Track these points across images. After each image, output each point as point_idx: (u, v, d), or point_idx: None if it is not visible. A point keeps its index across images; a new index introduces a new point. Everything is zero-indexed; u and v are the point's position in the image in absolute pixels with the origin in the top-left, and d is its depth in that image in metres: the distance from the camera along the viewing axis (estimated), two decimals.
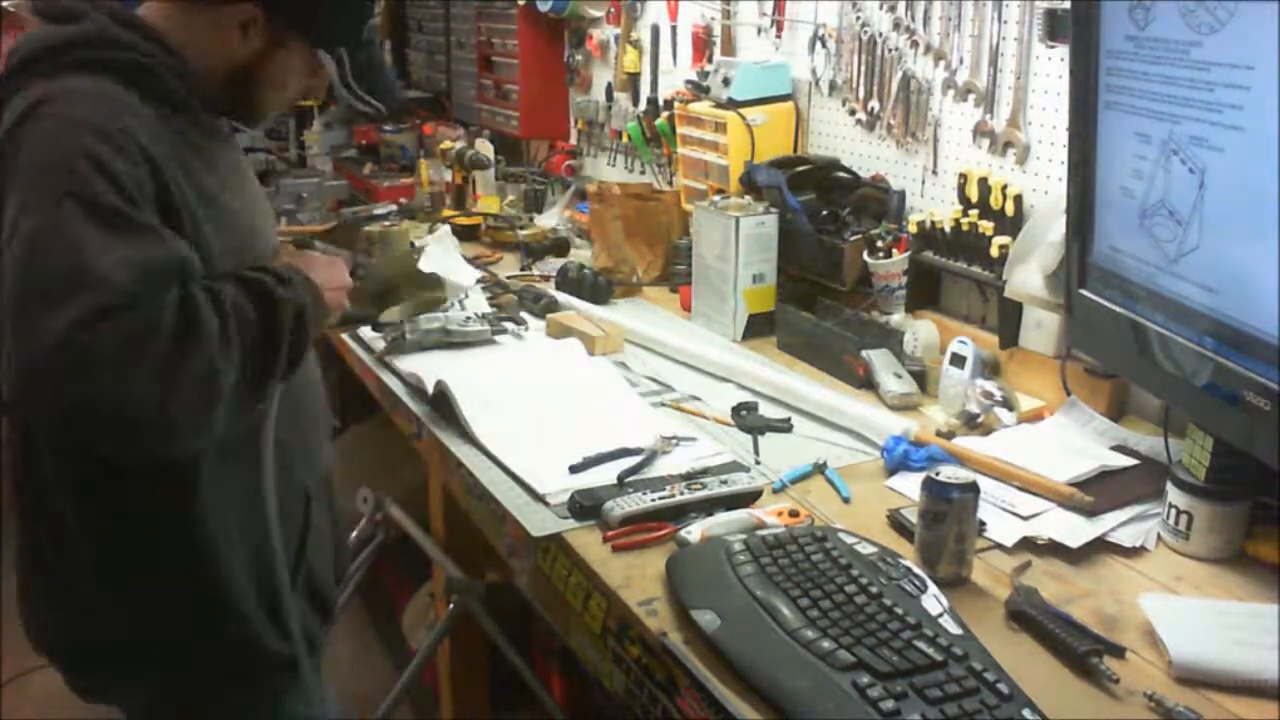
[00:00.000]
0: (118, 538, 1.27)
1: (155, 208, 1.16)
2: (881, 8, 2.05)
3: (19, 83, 1.20)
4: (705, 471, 1.48)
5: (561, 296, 2.31)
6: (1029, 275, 1.68)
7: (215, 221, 1.25)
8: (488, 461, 1.59)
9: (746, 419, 1.70)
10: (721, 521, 1.34)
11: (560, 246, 2.77)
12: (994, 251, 1.78)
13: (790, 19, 2.31)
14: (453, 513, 2.23)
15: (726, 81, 2.30)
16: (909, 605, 1.11)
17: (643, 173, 2.99)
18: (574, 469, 1.51)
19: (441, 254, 2.53)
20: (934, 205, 2.01)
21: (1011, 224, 1.78)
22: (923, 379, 1.81)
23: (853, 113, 2.18)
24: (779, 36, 2.35)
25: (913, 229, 1.95)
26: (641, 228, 2.52)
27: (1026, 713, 0.96)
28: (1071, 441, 1.57)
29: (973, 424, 1.65)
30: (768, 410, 1.74)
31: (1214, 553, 1.31)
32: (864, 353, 1.84)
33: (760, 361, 1.95)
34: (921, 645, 1.04)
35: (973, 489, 1.24)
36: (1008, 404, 1.65)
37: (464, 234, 2.87)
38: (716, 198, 2.20)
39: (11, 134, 1.15)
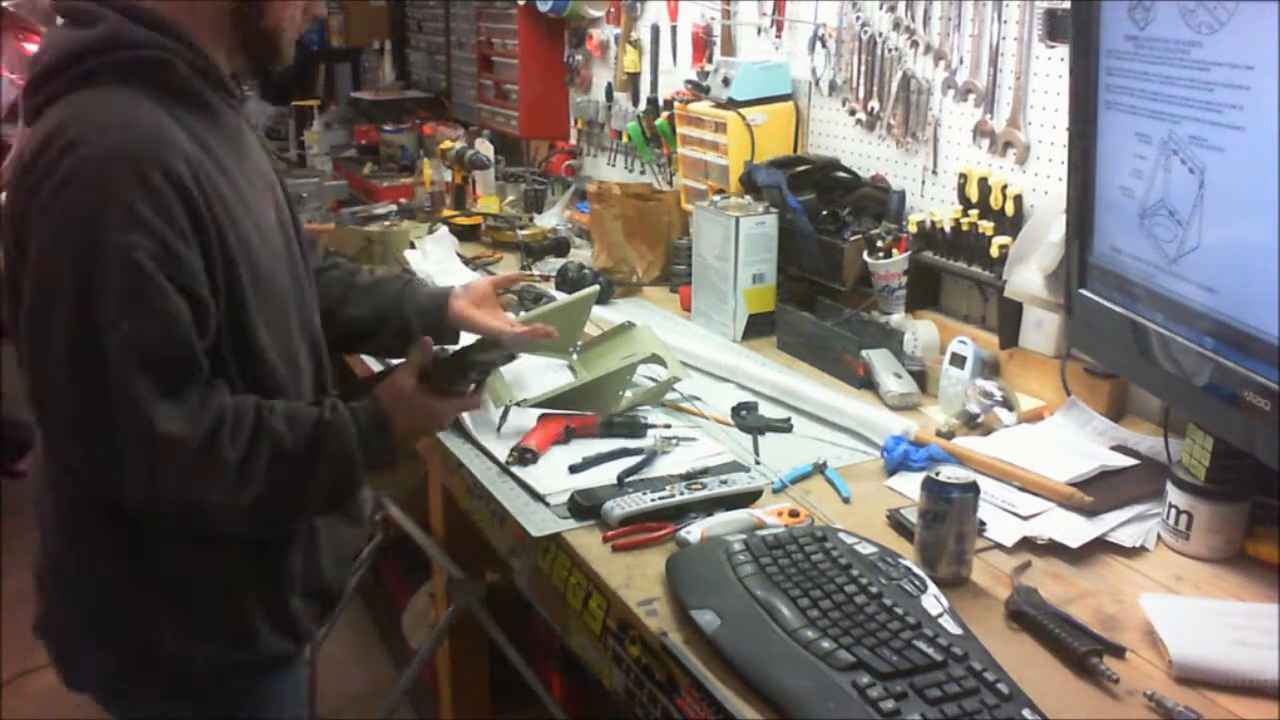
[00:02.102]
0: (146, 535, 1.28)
1: (189, 231, 1.16)
2: (881, 8, 2.05)
3: (44, 93, 1.20)
4: (705, 471, 1.48)
5: (561, 296, 2.30)
6: (1029, 275, 1.68)
7: (232, 225, 1.23)
8: (487, 461, 1.59)
9: (746, 419, 1.70)
10: (721, 521, 1.34)
11: (560, 246, 2.77)
12: (994, 251, 1.78)
13: (790, 19, 2.31)
14: (453, 513, 2.23)
15: (726, 81, 2.30)
16: (909, 605, 1.11)
17: (643, 173, 2.99)
18: (574, 469, 1.51)
19: (440, 254, 2.54)
20: (934, 205, 2.01)
21: (1011, 224, 1.78)
22: (923, 379, 1.81)
23: (853, 113, 2.18)
24: (779, 36, 2.35)
25: (913, 229, 1.95)
26: (641, 228, 2.52)
27: (1026, 713, 0.96)
28: (1071, 441, 1.57)
29: (973, 424, 1.65)
30: (768, 410, 1.74)
31: (1214, 553, 1.31)
32: (864, 353, 1.84)
33: (760, 361, 1.95)
34: (921, 645, 1.04)
35: (973, 489, 1.24)
36: (1008, 404, 1.65)
37: (464, 234, 2.88)
38: (716, 198, 2.20)
39: (33, 160, 1.14)
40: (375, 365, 2.01)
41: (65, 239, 1.12)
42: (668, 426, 1.65)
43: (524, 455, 1.54)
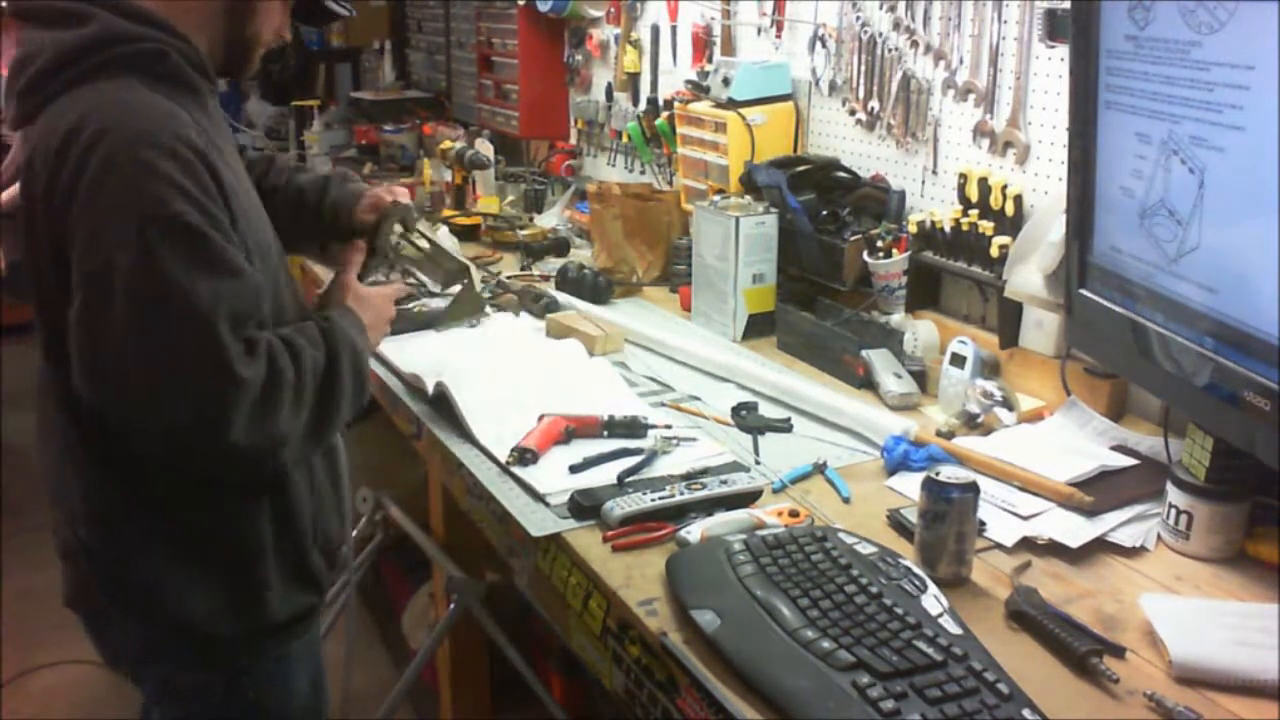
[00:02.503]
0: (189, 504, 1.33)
1: (220, 204, 1.23)
2: (881, 8, 2.05)
3: (43, 93, 1.24)
4: (705, 471, 1.48)
5: (561, 296, 2.31)
6: (1029, 275, 1.68)
7: (239, 206, 1.29)
8: (488, 461, 1.59)
9: (746, 419, 1.70)
10: (721, 521, 1.34)
11: (560, 246, 2.77)
12: (994, 251, 1.78)
13: (790, 19, 2.31)
14: (453, 513, 2.23)
15: (726, 81, 2.30)
16: (909, 605, 1.11)
17: (643, 173, 2.99)
18: (574, 469, 1.51)
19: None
20: (934, 205, 2.01)
21: (1011, 224, 1.78)
22: (923, 379, 1.81)
23: (853, 113, 2.18)
24: (779, 36, 2.35)
25: (913, 229, 1.95)
26: (641, 228, 2.52)
27: (1026, 713, 0.96)
28: (1071, 441, 1.57)
29: (973, 424, 1.66)
30: (768, 410, 1.74)
31: (1214, 553, 1.31)
32: (864, 353, 1.84)
33: (760, 361, 1.95)
34: (921, 645, 1.04)
35: (973, 489, 1.24)
36: (1008, 404, 1.65)
37: (464, 234, 2.88)
38: (716, 198, 2.20)
39: (61, 156, 1.18)
40: (374, 365, 2.00)
41: (116, 222, 1.16)
42: (668, 427, 1.65)
43: (524, 455, 1.54)
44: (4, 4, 2.82)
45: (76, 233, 1.18)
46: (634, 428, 1.62)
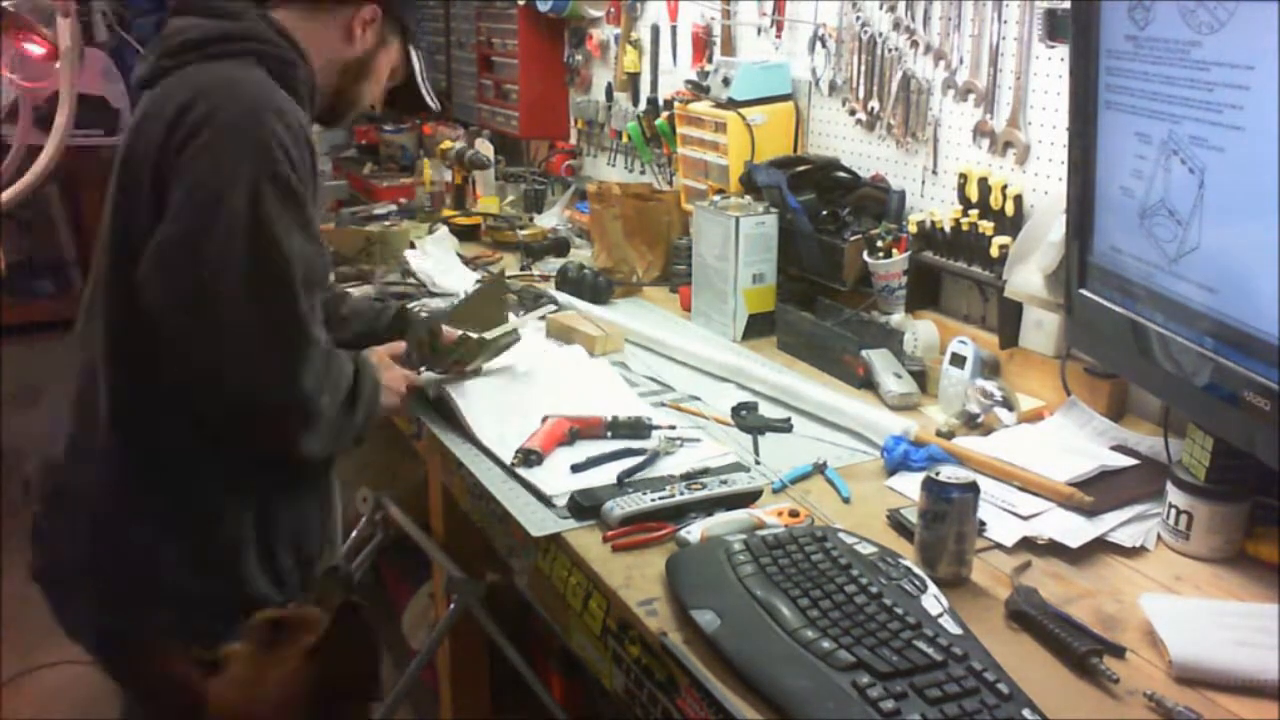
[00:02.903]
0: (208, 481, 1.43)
1: (312, 182, 1.37)
2: (881, 8, 2.05)
3: (177, 60, 1.37)
4: (705, 471, 1.48)
5: (561, 296, 2.31)
6: (1029, 275, 1.68)
7: (318, 194, 1.43)
8: (488, 461, 1.59)
9: (746, 419, 1.70)
10: (721, 521, 1.34)
11: (560, 246, 2.77)
12: (994, 251, 1.78)
13: (790, 19, 2.31)
14: (453, 513, 2.23)
15: (726, 81, 2.30)
16: (909, 605, 1.11)
17: (643, 173, 2.99)
18: (576, 468, 1.51)
19: (440, 254, 2.54)
20: (934, 205, 2.01)
21: (1011, 224, 1.78)
22: (923, 379, 1.81)
23: (853, 113, 2.18)
24: (779, 36, 2.35)
25: (913, 229, 1.95)
26: (641, 228, 2.52)
27: (1026, 713, 0.96)
28: (1071, 441, 1.57)
29: (973, 424, 1.65)
30: (768, 410, 1.74)
31: (1214, 553, 1.31)
32: (864, 353, 1.84)
33: (760, 361, 1.95)
34: (921, 645, 1.04)
35: (973, 489, 1.24)
36: (1008, 404, 1.65)
37: (464, 234, 2.88)
38: (716, 198, 2.20)
39: (184, 112, 1.29)
40: None
41: (233, 166, 1.28)
42: (672, 427, 1.65)
43: (529, 457, 1.54)
44: (4, 5, 2.82)
45: (191, 168, 1.28)
46: (638, 428, 1.62)
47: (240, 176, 1.27)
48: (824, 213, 2.09)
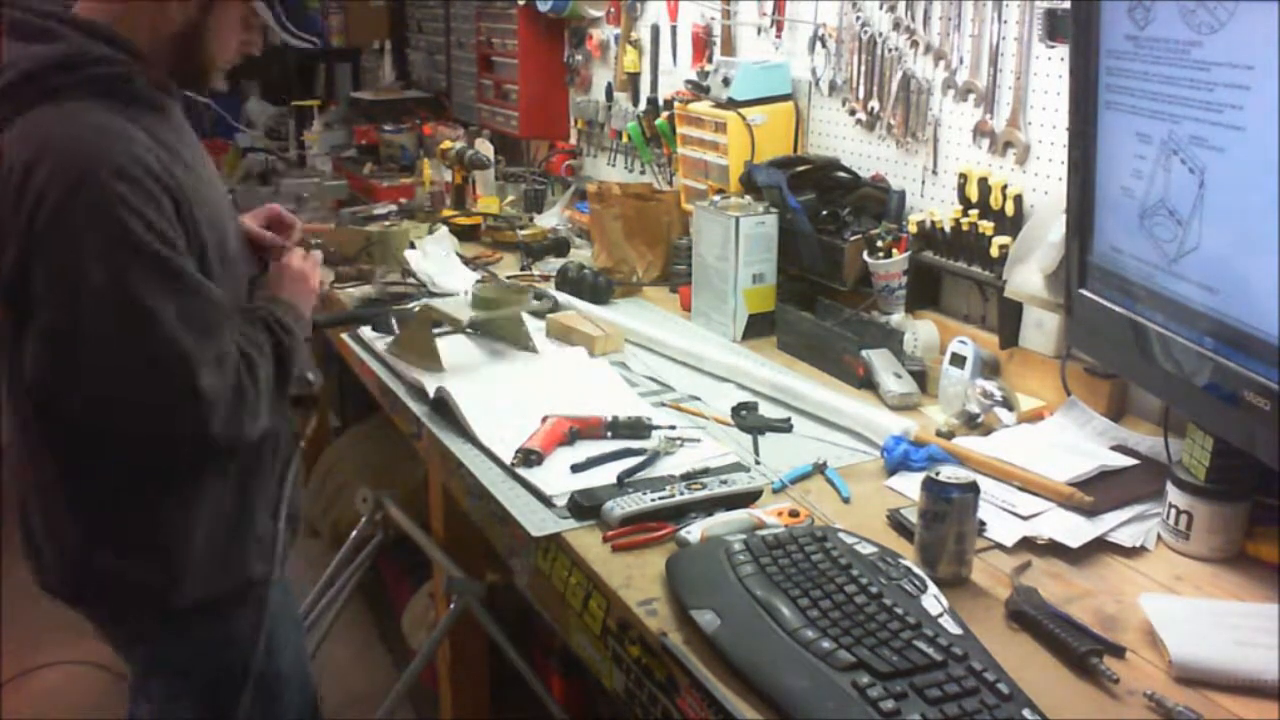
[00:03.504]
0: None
1: (179, 227, 1.30)
2: (881, 8, 2.05)
3: (8, 109, 1.27)
4: (705, 471, 1.48)
5: (561, 296, 2.31)
6: (1029, 275, 1.68)
7: (203, 214, 1.36)
8: (488, 461, 1.59)
9: (746, 419, 1.70)
10: (721, 521, 1.34)
11: (560, 246, 2.77)
12: (994, 251, 1.78)
13: (790, 19, 2.31)
14: (453, 513, 2.23)
15: (726, 81, 2.30)
16: (909, 605, 1.11)
17: (643, 173, 2.99)
18: (575, 469, 1.51)
19: (440, 254, 2.54)
20: (934, 205, 2.01)
21: (1011, 224, 1.78)
22: (923, 379, 1.81)
23: (853, 113, 2.18)
24: (779, 36, 2.35)
25: (913, 229, 1.95)
26: (641, 228, 2.52)
27: (1026, 713, 0.96)
28: (1071, 441, 1.57)
29: (973, 424, 1.65)
30: (768, 410, 1.74)
31: (1214, 553, 1.31)
32: (864, 353, 1.84)
33: (760, 361, 1.95)
34: (921, 645, 1.04)
35: (973, 489, 1.24)
36: (1008, 404, 1.65)
37: (464, 234, 2.88)
38: (716, 198, 2.20)
39: (22, 184, 1.22)
40: (376, 365, 2.01)
41: (82, 248, 1.21)
42: (672, 427, 1.65)
43: (529, 457, 1.54)
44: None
45: (46, 243, 1.22)
46: (638, 428, 1.62)
47: (93, 252, 1.22)
48: (824, 213, 2.09)
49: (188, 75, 1.45)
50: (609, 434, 1.62)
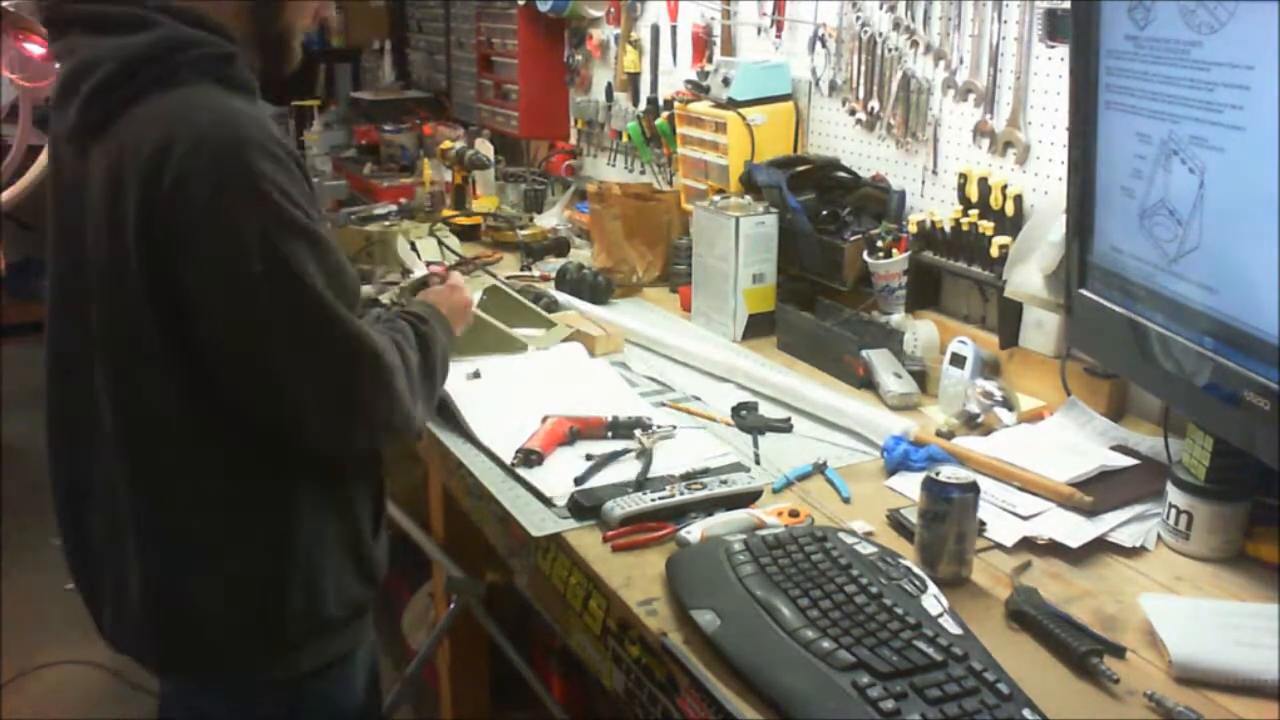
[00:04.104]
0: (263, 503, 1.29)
1: (316, 205, 1.23)
2: (881, 8, 2.05)
3: (109, 106, 1.17)
4: (705, 471, 1.48)
5: (561, 296, 2.31)
6: (1029, 275, 1.68)
7: (320, 204, 1.31)
8: (488, 461, 1.59)
9: (746, 419, 1.70)
10: (721, 521, 1.34)
11: (560, 246, 2.77)
12: (994, 251, 1.78)
13: (790, 19, 2.31)
14: (453, 513, 2.23)
15: (726, 81, 2.30)
16: (909, 605, 1.11)
17: (643, 173, 2.99)
18: (578, 482, 1.48)
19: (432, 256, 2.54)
20: (934, 205, 2.01)
21: (1011, 224, 1.78)
22: (923, 379, 1.81)
23: (853, 113, 2.18)
24: (779, 36, 2.35)
25: (913, 229, 1.95)
26: (641, 228, 2.52)
27: (1026, 713, 0.96)
28: (1071, 441, 1.57)
29: (973, 424, 1.65)
30: (768, 410, 1.74)
31: (1214, 553, 1.31)
32: (864, 353, 1.84)
33: (760, 361, 1.95)
34: (921, 645, 1.04)
35: (973, 489, 1.24)
36: (1008, 404, 1.66)
37: (464, 234, 2.87)
38: (716, 198, 2.20)
39: (155, 173, 1.12)
40: None
41: (239, 232, 1.13)
42: (674, 427, 1.65)
43: (529, 457, 1.54)
44: (4, 5, 2.82)
45: (196, 240, 1.14)
46: (639, 428, 1.62)
47: (251, 238, 1.13)
48: (824, 213, 2.09)
49: (271, 51, 1.35)
50: (609, 434, 1.62)
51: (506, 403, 1.73)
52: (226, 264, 1.14)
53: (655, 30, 2.83)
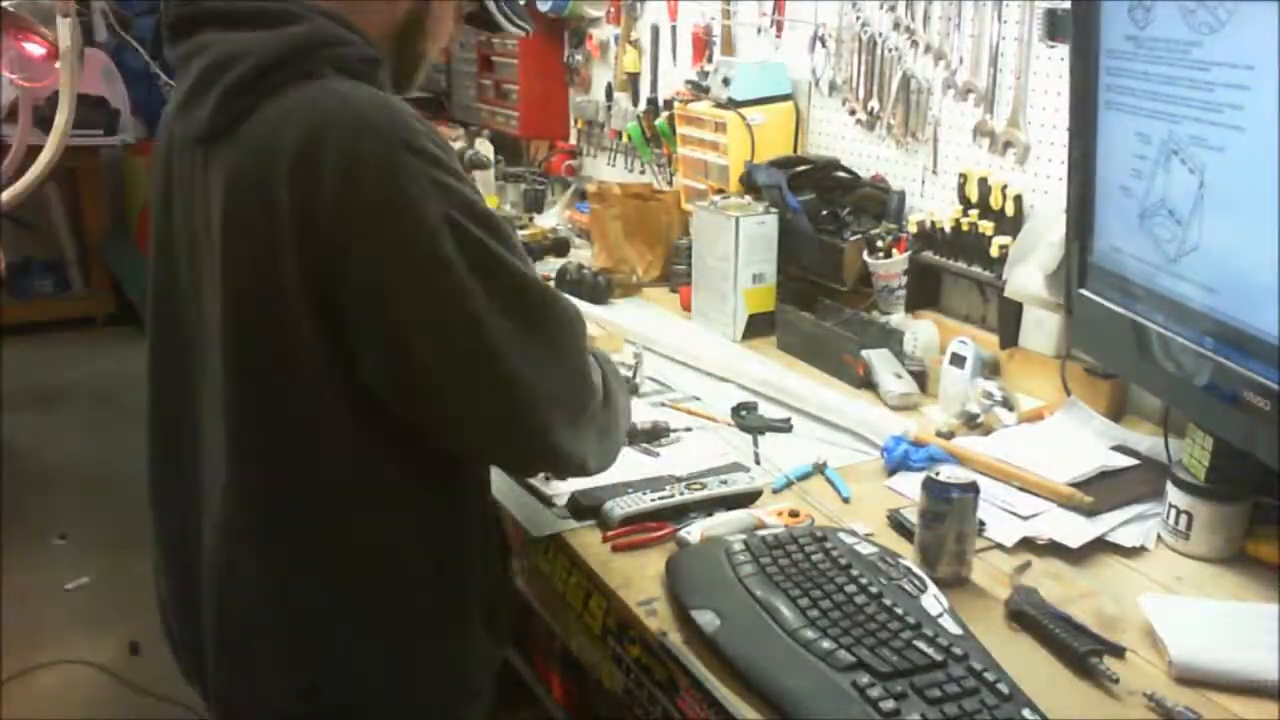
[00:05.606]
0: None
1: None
2: (881, 8, 2.05)
3: (248, 101, 1.08)
4: (705, 471, 1.48)
5: None
6: (1029, 275, 1.68)
7: None
8: None
9: (746, 419, 1.70)
10: (721, 521, 1.34)
11: (560, 246, 2.77)
12: (994, 251, 1.78)
13: (790, 19, 2.31)
14: None
15: (726, 81, 2.30)
16: (909, 605, 1.11)
17: (643, 173, 2.99)
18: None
19: None
20: (934, 205, 2.01)
21: (1011, 224, 1.78)
22: (923, 379, 1.81)
23: (853, 113, 2.18)
24: (779, 36, 2.35)
25: (913, 229, 1.95)
26: (641, 228, 2.53)
27: (1026, 713, 0.96)
28: (1071, 441, 1.57)
29: (973, 424, 1.65)
30: (768, 410, 1.74)
31: (1214, 553, 1.31)
32: (864, 353, 1.84)
33: (760, 361, 1.95)
34: (921, 645, 1.04)
35: (973, 489, 1.24)
36: (1008, 404, 1.66)
37: None
38: (716, 198, 2.20)
39: (310, 168, 1.03)
40: None
41: (420, 224, 1.04)
42: (688, 430, 1.64)
43: None
44: (4, 5, 2.82)
45: (360, 245, 1.04)
46: (655, 435, 1.61)
47: (436, 234, 1.04)
48: (824, 213, 2.09)
49: (402, 73, 1.26)
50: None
51: None
52: (415, 265, 1.04)
53: (655, 30, 2.83)
